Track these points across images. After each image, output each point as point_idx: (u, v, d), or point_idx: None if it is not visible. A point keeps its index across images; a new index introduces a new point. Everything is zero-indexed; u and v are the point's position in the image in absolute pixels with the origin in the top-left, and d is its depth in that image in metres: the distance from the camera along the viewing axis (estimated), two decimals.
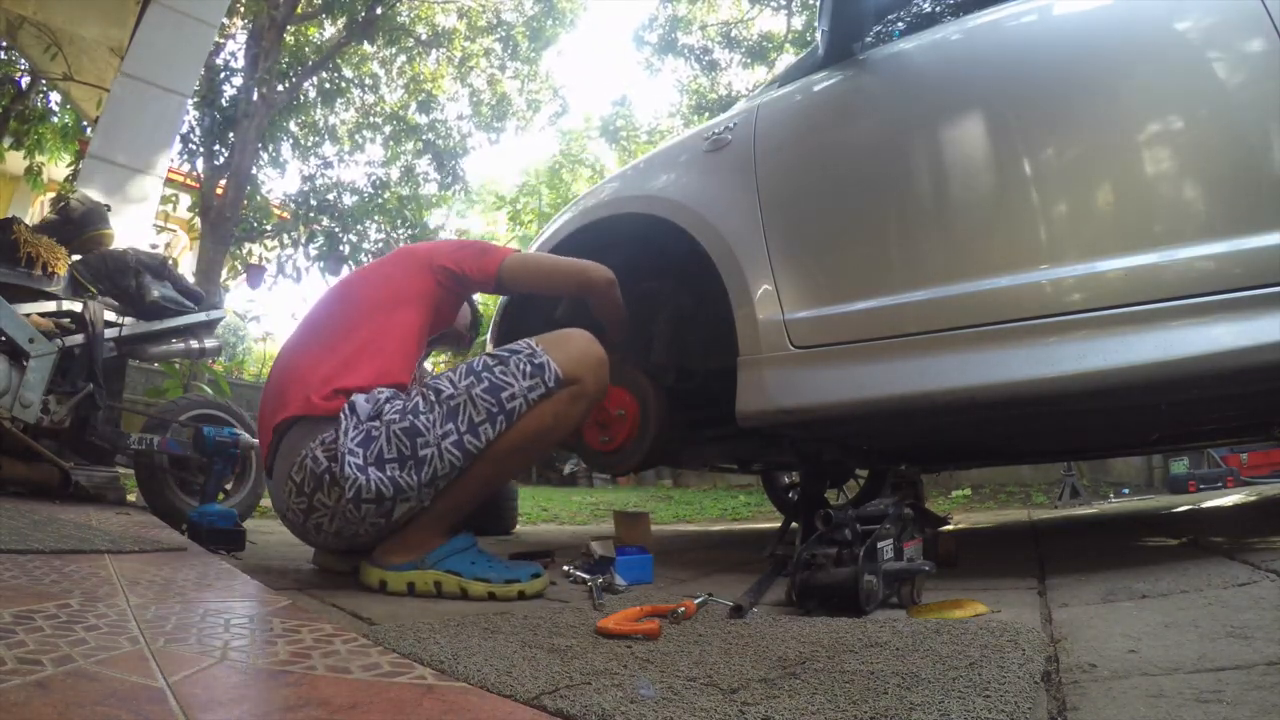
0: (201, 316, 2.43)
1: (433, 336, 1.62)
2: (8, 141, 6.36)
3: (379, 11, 9.34)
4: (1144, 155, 1.32)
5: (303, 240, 9.37)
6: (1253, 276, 1.15)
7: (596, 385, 1.39)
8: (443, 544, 1.32)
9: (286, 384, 1.41)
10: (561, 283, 1.68)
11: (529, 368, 1.31)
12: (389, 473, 1.25)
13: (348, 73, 10.79)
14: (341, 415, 1.29)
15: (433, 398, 1.30)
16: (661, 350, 2.01)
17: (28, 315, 2.01)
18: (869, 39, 1.67)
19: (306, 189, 9.91)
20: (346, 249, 9.36)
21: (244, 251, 9.17)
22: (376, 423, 1.28)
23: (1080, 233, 1.32)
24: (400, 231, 9.80)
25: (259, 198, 8.83)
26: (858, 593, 1.06)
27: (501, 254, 1.57)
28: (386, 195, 10.10)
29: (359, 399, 1.31)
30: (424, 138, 11.01)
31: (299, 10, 8.90)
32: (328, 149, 10.72)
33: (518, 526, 3.22)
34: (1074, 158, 1.36)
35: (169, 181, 6.28)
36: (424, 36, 11.05)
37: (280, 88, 8.75)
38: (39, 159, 6.57)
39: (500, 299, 2.25)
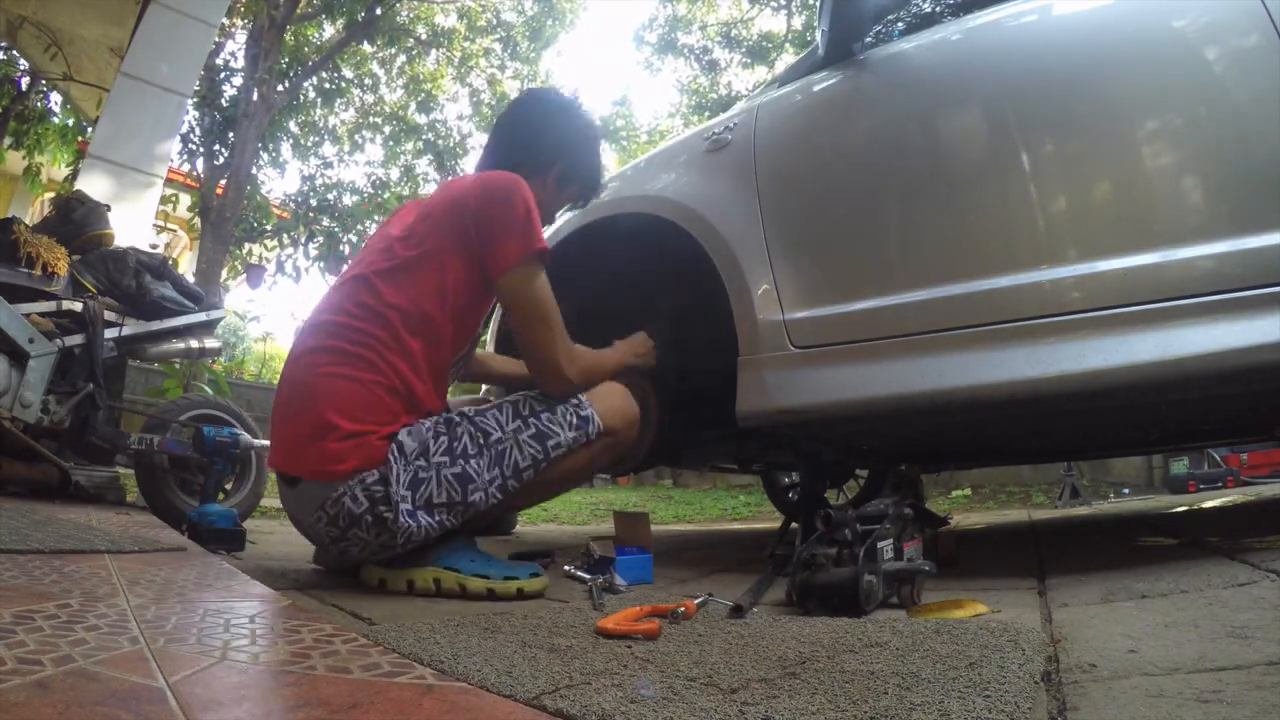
0: (201, 316, 2.43)
1: (459, 355, 1.43)
2: (8, 141, 6.36)
3: (379, 12, 9.35)
4: (1143, 155, 1.32)
5: (303, 240, 9.38)
6: (1253, 276, 1.15)
7: (628, 438, 1.46)
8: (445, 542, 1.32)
9: (316, 406, 1.24)
10: (534, 337, 1.36)
11: (575, 419, 1.35)
12: (437, 517, 1.25)
13: (348, 73, 10.80)
14: (389, 457, 1.22)
15: (481, 440, 1.29)
16: (661, 350, 2.01)
17: (28, 315, 2.01)
18: (869, 39, 1.67)
19: (306, 189, 9.93)
20: (346, 249, 9.36)
21: (244, 251, 9.18)
22: (423, 462, 1.24)
23: (1080, 232, 1.32)
24: None
25: (259, 198, 8.84)
26: (858, 593, 1.06)
27: (535, 241, 1.32)
28: (386, 195, 10.11)
29: (404, 436, 1.24)
30: (424, 138, 11.02)
31: (299, 10, 8.90)
32: (328, 149, 10.75)
33: (517, 526, 3.22)
34: (1074, 157, 1.36)
35: (169, 181, 6.27)
36: (424, 36, 11.06)
37: (280, 88, 8.75)
38: (39, 159, 6.57)
39: None
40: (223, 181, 8.04)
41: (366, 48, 10.48)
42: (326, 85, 10.27)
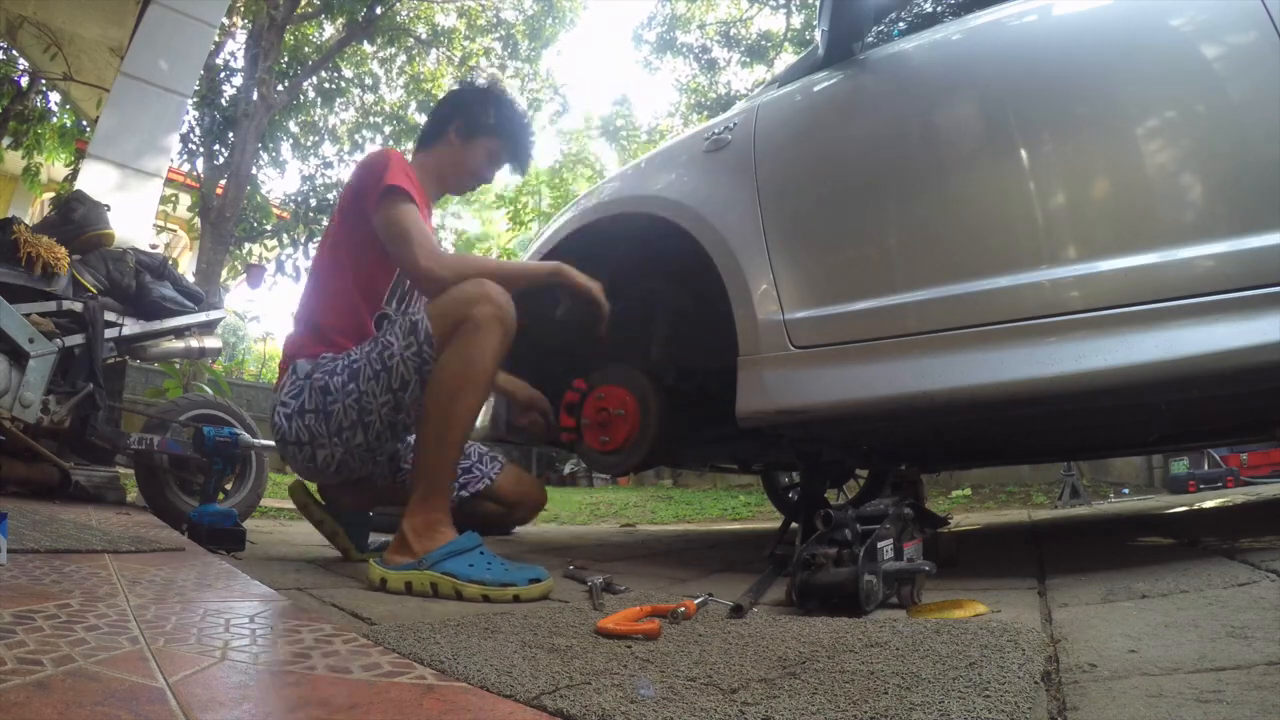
0: (201, 316, 2.43)
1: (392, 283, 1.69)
2: (7, 141, 6.36)
3: (379, 11, 9.34)
4: (1144, 155, 1.32)
5: (303, 240, 9.38)
6: (1253, 276, 1.15)
7: (491, 311, 1.37)
8: (445, 543, 1.32)
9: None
10: (398, 255, 1.50)
11: (406, 324, 1.46)
12: (307, 422, 1.52)
13: (348, 72, 10.80)
14: (287, 375, 1.57)
15: (344, 361, 1.52)
16: (661, 350, 2.01)
17: (28, 315, 2.00)
18: (869, 39, 1.67)
19: (306, 189, 9.92)
20: None
21: (244, 251, 9.18)
22: (306, 381, 1.53)
23: (1080, 232, 1.32)
24: None
25: (259, 198, 8.84)
26: (858, 593, 1.06)
27: (384, 181, 1.49)
28: None
29: (300, 362, 1.56)
30: None
31: (299, 10, 8.90)
32: (328, 149, 10.74)
33: (517, 527, 3.21)
34: (1074, 157, 1.35)
35: (169, 181, 6.27)
36: (424, 36, 11.06)
37: (280, 88, 8.75)
38: (38, 159, 6.57)
39: None
40: (223, 181, 8.04)
41: (366, 47, 10.47)
42: (326, 85, 10.26)
